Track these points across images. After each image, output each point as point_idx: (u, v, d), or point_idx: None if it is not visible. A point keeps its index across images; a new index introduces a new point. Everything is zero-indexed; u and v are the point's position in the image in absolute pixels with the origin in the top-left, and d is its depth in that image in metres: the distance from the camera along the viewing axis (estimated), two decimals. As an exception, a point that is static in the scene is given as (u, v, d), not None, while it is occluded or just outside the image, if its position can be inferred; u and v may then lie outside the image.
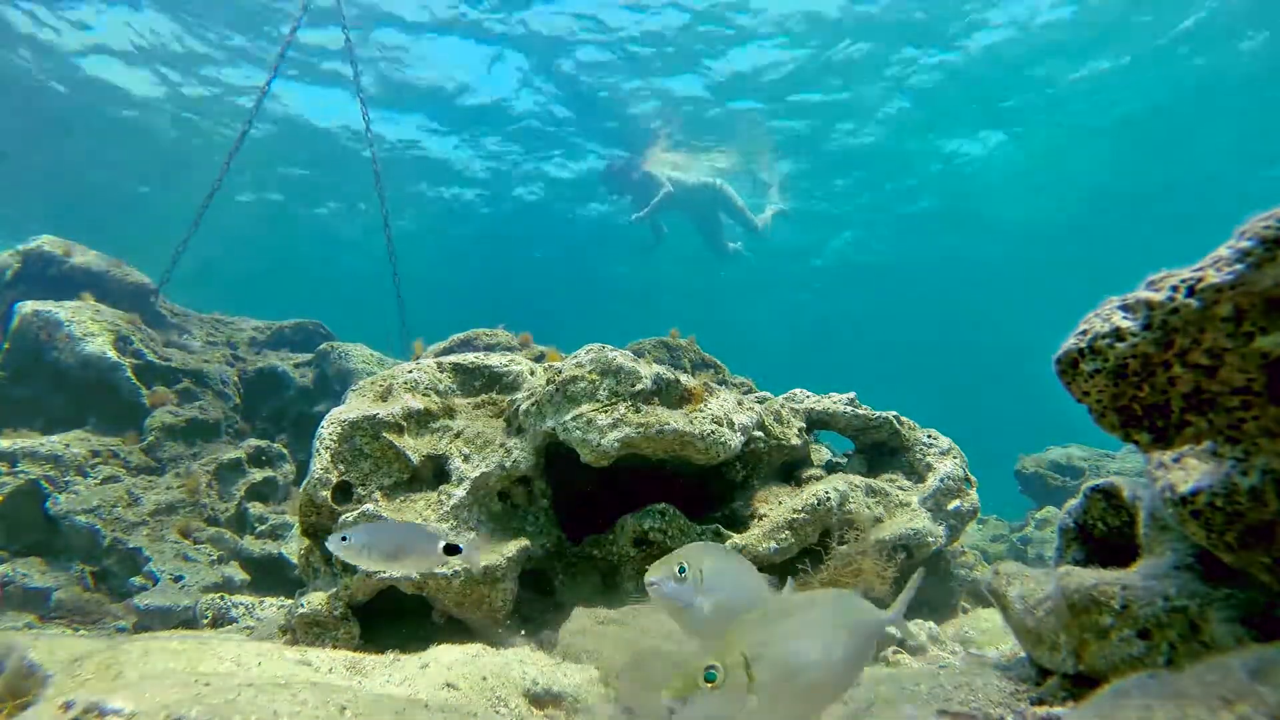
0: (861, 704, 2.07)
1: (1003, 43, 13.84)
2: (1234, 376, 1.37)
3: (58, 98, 15.01)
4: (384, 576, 2.92)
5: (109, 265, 7.28)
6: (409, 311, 8.78)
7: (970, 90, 15.36)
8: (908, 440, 4.14)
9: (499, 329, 6.08)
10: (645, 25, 13.49)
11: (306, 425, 6.91)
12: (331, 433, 3.24)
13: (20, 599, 4.69)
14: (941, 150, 18.28)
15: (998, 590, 2.30)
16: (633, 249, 19.67)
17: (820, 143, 17.42)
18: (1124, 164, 18.17)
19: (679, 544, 3.42)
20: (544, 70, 14.94)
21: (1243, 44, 13.37)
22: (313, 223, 22.66)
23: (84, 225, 10.80)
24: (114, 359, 6.06)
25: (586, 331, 4.75)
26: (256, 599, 4.63)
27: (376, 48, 13.88)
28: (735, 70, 14.66)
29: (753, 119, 16.32)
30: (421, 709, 1.97)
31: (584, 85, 15.22)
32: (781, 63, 14.48)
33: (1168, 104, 15.42)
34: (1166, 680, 1.32)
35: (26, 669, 2.06)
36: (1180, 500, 1.56)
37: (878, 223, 22.33)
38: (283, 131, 16.78)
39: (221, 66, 14.45)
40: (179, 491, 5.58)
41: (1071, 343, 1.56)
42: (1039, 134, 17.03)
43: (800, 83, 15.08)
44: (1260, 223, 1.35)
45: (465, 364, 3.86)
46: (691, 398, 3.48)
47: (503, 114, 16.75)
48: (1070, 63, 14.39)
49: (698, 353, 5.98)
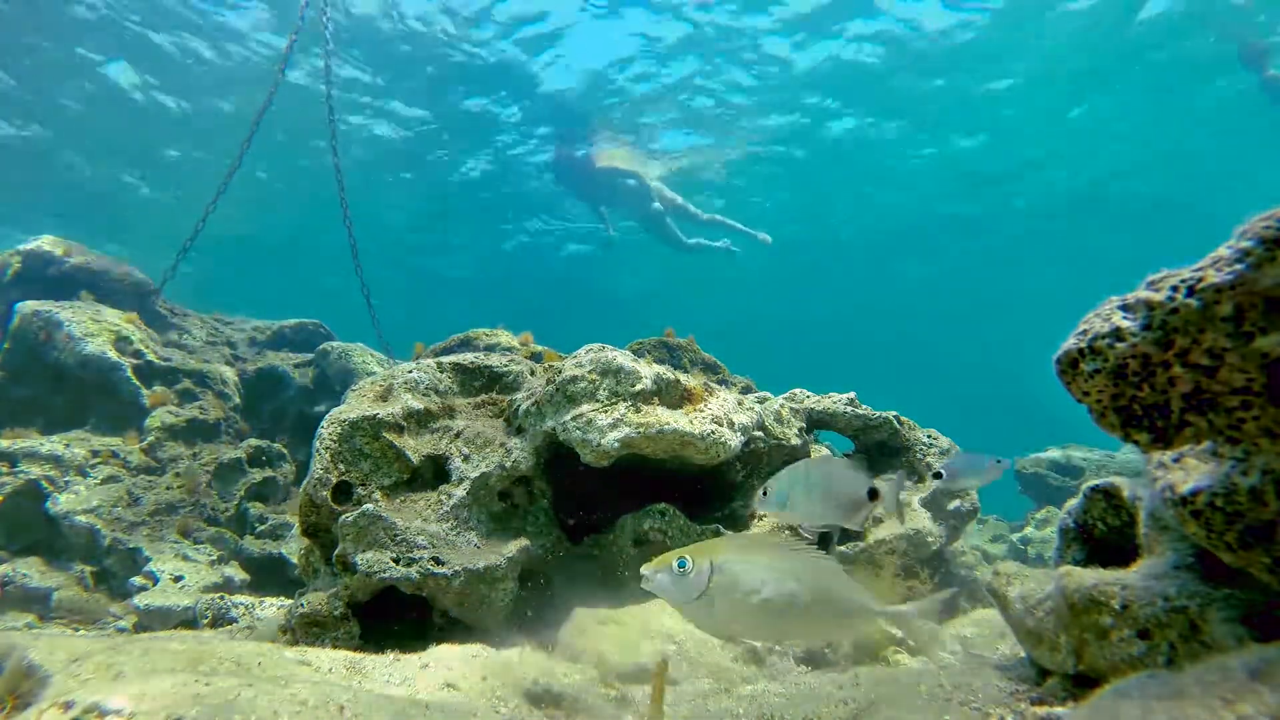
0: (862, 704, 2.07)
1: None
2: (1234, 376, 1.37)
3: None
4: (384, 576, 2.91)
5: (109, 265, 7.28)
6: (395, 315, 8.67)
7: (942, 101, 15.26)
8: (908, 440, 4.14)
9: (499, 329, 6.07)
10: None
11: (306, 425, 6.91)
12: (331, 433, 3.24)
13: (20, 599, 4.69)
14: (936, 145, 18.24)
15: (998, 590, 2.30)
16: (633, 252, 19.66)
17: (814, 134, 17.33)
18: (1123, 163, 18.19)
19: (679, 544, 3.42)
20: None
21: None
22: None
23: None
24: (114, 359, 6.05)
25: (586, 331, 4.75)
26: (256, 599, 4.63)
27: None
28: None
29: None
30: (421, 709, 1.97)
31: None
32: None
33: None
34: (1166, 680, 1.32)
35: (26, 669, 2.06)
36: (1180, 500, 1.56)
37: (877, 224, 22.33)
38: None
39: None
40: (179, 491, 5.58)
41: (1071, 343, 1.56)
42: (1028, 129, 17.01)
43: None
44: (1260, 223, 1.35)
45: (465, 364, 3.86)
46: (692, 398, 3.49)
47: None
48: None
49: (697, 352, 5.97)
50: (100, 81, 14.09)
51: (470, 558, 3.00)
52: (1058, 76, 14.70)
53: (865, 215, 21.73)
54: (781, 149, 17.82)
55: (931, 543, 3.71)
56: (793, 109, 16.19)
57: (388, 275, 19.01)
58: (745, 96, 15.64)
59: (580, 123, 15.58)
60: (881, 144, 17.72)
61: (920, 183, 19.62)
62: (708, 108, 15.91)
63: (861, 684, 2.28)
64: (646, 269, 23.92)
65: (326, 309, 9.45)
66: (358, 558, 2.94)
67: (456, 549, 3.05)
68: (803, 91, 15.43)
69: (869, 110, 16.43)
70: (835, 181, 19.43)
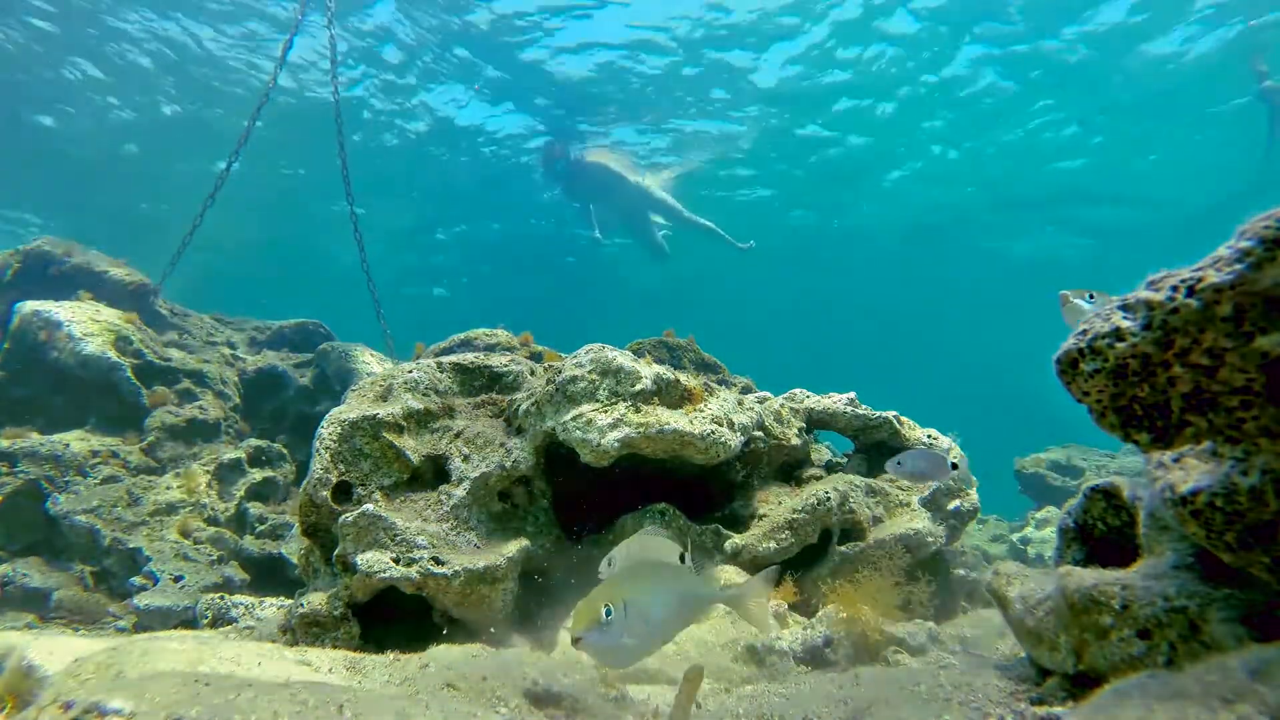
0: (862, 704, 2.07)
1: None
2: (1234, 376, 1.37)
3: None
4: (384, 576, 2.91)
5: (109, 265, 7.28)
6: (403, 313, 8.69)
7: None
8: (908, 440, 4.14)
9: (499, 329, 6.07)
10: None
11: (306, 425, 6.91)
12: (331, 433, 3.24)
13: (20, 599, 4.69)
14: (932, 151, 18.24)
15: (998, 590, 2.30)
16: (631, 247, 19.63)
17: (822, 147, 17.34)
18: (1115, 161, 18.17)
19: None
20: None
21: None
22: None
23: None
24: (114, 359, 6.05)
25: (586, 331, 4.75)
26: (256, 599, 4.63)
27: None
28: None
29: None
30: (422, 709, 1.97)
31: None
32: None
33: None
34: (1166, 680, 1.32)
35: (26, 669, 2.06)
36: (1180, 500, 1.56)
37: (874, 221, 22.33)
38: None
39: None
40: (179, 491, 5.58)
41: (1071, 343, 1.56)
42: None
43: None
44: (1260, 223, 1.35)
45: (465, 364, 3.86)
46: (692, 398, 3.49)
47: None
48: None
49: (697, 352, 5.98)
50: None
51: (470, 558, 3.00)
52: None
53: (867, 214, 21.72)
54: (783, 149, 17.82)
55: (931, 543, 3.71)
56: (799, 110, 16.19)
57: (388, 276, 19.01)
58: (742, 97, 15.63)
59: (580, 113, 15.58)
60: (883, 142, 17.73)
61: (921, 181, 19.62)
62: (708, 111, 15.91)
63: (861, 684, 2.28)
64: (647, 269, 23.89)
65: (327, 310, 9.43)
66: (358, 558, 2.94)
67: (456, 549, 3.05)
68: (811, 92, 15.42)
69: (869, 108, 16.45)
70: (837, 180, 19.43)
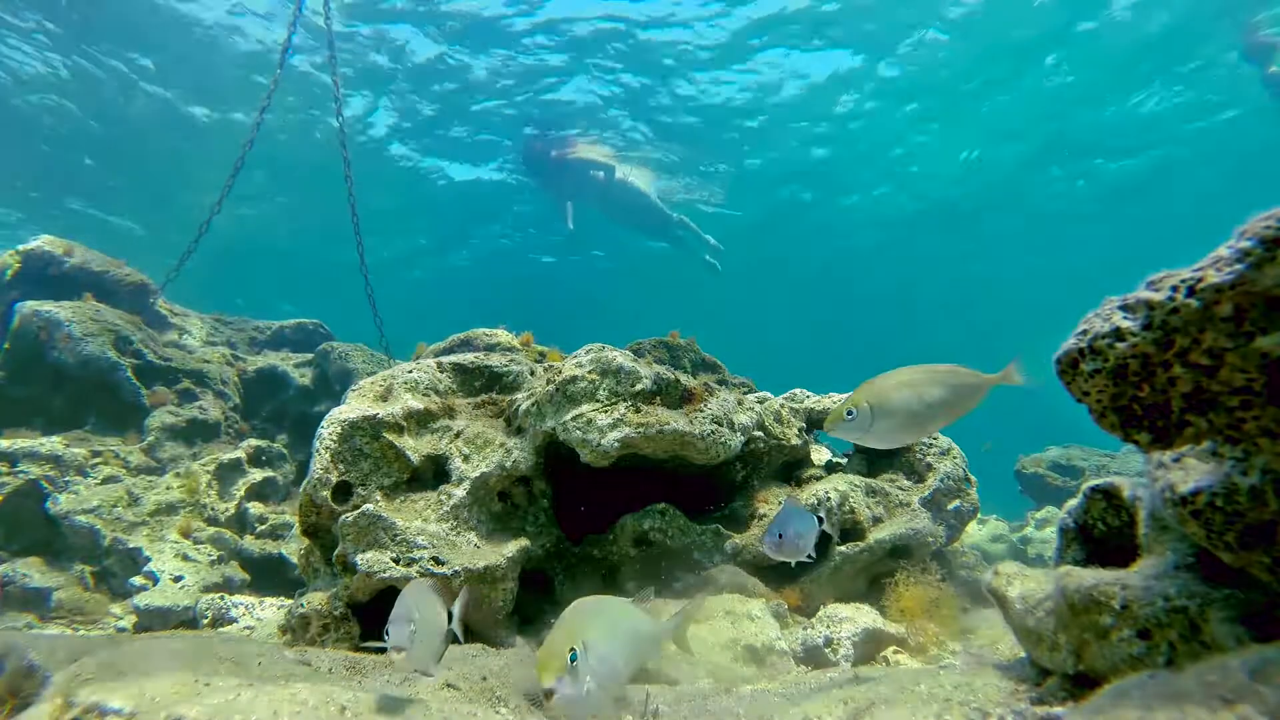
0: (861, 704, 2.07)
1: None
2: (1234, 376, 1.37)
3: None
4: (384, 576, 2.91)
5: (109, 265, 7.28)
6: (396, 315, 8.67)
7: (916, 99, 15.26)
8: (908, 440, 4.14)
9: (499, 329, 6.06)
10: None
11: (306, 425, 6.91)
12: (331, 433, 3.24)
13: (20, 599, 4.69)
14: (930, 149, 18.22)
15: (998, 590, 2.29)
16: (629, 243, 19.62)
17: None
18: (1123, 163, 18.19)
19: (679, 544, 3.42)
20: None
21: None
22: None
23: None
24: (114, 359, 6.06)
25: (586, 331, 4.75)
26: (256, 599, 4.63)
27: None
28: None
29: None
30: (422, 709, 1.97)
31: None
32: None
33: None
34: (1166, 680, 1.32)
35: (26, 669, 2.06)
36: (1180, 500, 1.56)
37: (879, 221, 22.33)
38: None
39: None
40: (179, 491, 5.58)
41: (1071, 343, 1.56)
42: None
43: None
44: (1260, 223, 1.35)
45: (465, 364, 3.86)
46: (692, 398, 3.49)
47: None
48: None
49: (698, 353, 5.98)
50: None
51: (470, 558, 3.00)
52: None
53: (868, 212, 21.71)
54: (786, 149, 17.82)
55: (931, 543, 3.71)
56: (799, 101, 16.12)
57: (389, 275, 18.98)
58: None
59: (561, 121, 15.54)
60: (884, 139, 17.72)
61: (921, 180, 19.61)
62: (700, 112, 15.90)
63: (861, 684, 2.28)
64: (647, 269, 23.89)
65: (329, 309, 9.42)
66: (358, 558, 2.94)
67: (457, 549, 3.05)
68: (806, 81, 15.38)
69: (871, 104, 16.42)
70: (838, 178, 19.42)
